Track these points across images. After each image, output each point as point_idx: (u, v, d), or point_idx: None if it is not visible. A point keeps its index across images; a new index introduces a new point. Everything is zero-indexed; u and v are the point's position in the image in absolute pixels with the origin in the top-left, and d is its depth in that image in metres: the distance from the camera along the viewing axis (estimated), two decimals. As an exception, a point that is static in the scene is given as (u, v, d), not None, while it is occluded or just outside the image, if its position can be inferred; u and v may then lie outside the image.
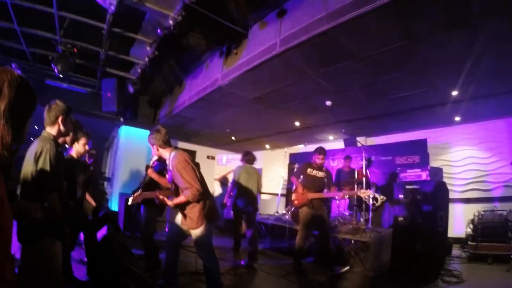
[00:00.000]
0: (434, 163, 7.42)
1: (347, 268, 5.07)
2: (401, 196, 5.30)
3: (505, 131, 6.87)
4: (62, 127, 2.52)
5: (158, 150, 3.34)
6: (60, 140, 2.70)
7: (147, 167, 4.54)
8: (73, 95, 8.28)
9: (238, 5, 4.93)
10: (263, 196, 10.53)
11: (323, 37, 4.11)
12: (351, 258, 5.27)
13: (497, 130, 6.98)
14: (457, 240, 6.38)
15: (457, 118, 7.06)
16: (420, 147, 7.81)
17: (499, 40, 3.91)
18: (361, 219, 6.61)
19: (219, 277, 3.38)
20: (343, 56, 4.64)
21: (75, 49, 6.10)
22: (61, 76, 6.72)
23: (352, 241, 5.38)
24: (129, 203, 3.44)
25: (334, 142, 9.78)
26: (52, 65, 6.13)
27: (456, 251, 6.00)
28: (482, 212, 5.76)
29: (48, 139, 2.41)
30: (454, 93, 5.57)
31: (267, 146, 11.85)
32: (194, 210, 3.21)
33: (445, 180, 5.53)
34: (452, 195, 5.88)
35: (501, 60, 4.39)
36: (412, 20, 3.69)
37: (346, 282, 4.59)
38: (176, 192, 3.36)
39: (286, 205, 9.85)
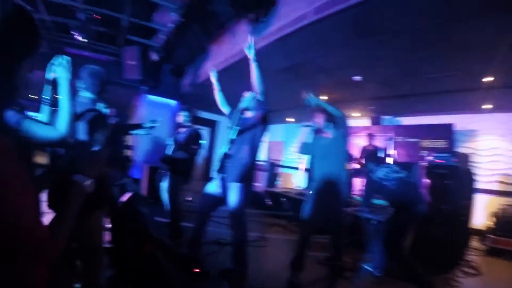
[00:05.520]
0: (460, 150, 7.16)
1: None
2: (426, 180, 5.11)
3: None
4: None
5: None
6: None
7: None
8: (94, 63, 8.14)
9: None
10: (284, 170, 10.48)
11: (360, 8, 3.85)
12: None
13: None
14: (476, 232, 6.14)
15: (489, 106, 6.72)
16: (447, 132, 7.48)
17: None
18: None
19: (246, 249, 3.36)
20: (379, 29, 4.36)
21: (96, 16, 5.97)
22: (82, 43, 6.61)
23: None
24: None
25: (359, 120, 9.53)
26: (73, 33, 6.04)
27: (474, 242, 5.81)
28: (506, 206, 5.51)
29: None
30: (488, 79, 5.25)
31: (291, 119, 11.65)
32: (242, 160, 3.31)
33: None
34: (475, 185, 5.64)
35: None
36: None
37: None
38: None
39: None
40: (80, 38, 6.08)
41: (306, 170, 8.85)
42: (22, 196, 0.81)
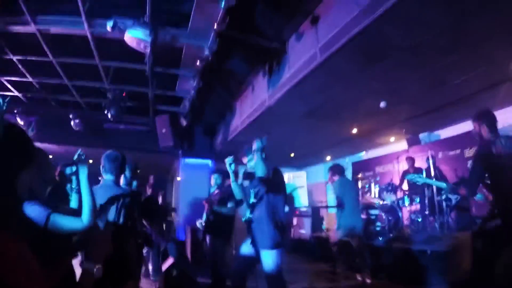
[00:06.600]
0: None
1: None
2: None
3: None
4: None
5: None
6: None
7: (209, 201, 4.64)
8: (131, 134, 8.82)
9: (270, 21, 4.80)
10: (331, 210, 10.08)
11: (364, 35, 3.80)
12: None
13: None
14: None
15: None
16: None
17: None
18: (436, 224, 5.99)
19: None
20: (389, 50, 4.28)
21: (123, 94, 6.49)
22: (116, 118, 7.14)
23: (428, 252, 4.80)
24: None
25: (396, 144, 9.11)
26: (106, 110, 6.59)
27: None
28: None
29: None
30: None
31: (328, 158, 11.46)
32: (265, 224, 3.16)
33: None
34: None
35: None
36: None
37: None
38: None
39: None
40: (111, 114, 6.58)
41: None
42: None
